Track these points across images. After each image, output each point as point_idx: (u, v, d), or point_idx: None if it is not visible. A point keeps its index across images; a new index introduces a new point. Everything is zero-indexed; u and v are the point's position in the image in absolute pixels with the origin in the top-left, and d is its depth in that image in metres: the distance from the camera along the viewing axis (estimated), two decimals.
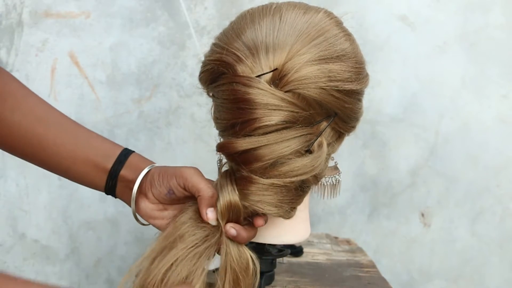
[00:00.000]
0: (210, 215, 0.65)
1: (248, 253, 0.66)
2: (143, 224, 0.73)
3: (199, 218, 0.66)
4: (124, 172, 0.70)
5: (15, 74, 1.27)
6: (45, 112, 0.71)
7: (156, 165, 0.71)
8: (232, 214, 0.65)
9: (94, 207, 1.33)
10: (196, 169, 0.69)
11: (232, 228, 0.65)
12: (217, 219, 0.65)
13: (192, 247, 0.63)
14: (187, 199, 0.69)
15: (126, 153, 0.71)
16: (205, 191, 0.66)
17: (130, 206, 0.71)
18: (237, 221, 0.66)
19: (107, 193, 0.73)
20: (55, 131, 0.70)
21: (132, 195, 0.70)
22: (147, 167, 0.70)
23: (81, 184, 0.74)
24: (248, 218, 0.68)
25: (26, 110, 0.69)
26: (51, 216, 1.33)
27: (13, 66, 1.27)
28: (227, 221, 0.66)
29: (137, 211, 0.71)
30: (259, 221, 0.67)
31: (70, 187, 1.32)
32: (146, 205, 0.70)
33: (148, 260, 0.63)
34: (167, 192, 0.68)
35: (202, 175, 0.69)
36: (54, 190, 1.32)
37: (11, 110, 0.68)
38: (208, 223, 0.66)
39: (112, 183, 0.71)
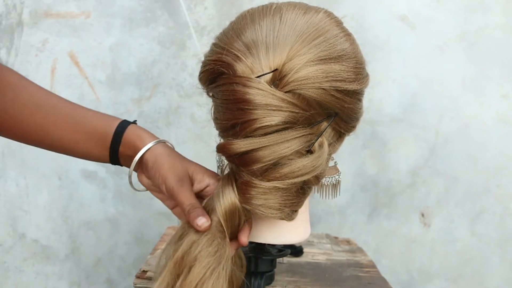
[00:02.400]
0: (199, 223, 0.64)
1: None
2: (137, 190, 0.75)
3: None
4: (122, 149, 0.71)
5: None
6: (43, 99, 0.72)
7: (151, 145, 0.70)
8: (234, 219, 0.65)
9: (94, 207, 1.33)
10: (182, 176, 0.68)
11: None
12: (221, 224, 0.65)
13: (210, 267, 0.62)
14: None
15: (121, 129, 0.72)
16: (184, 205, 0.66)
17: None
18: (238, 225, 0.66)
19: (115, 164, 0.75)
20: (54, 117, 0.71)
21: (129, 173, 0.72)
22: (140, 152, 0.70)
23: (91, 161, 0.76)
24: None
25: (25, 100, 0.71)
26: (51, 216, 1.33)
27: (13, 66, 1.27)
28: (230, 225, 0.65)
29: (139, 180, 0.72)
30: (243, 239, 0.67)
31: (70, 187, 1.32)
32: (146, 181, 0.72)
33: (163, 284, 0.62)
34: (157, 187, 0.70)
35: (187, 181, 0.68)
36: (54, 190, 1.32)
37: (12, 102, 0.70)
38: (212, 232, 0.65)
39: (115, 158, 0.72)
